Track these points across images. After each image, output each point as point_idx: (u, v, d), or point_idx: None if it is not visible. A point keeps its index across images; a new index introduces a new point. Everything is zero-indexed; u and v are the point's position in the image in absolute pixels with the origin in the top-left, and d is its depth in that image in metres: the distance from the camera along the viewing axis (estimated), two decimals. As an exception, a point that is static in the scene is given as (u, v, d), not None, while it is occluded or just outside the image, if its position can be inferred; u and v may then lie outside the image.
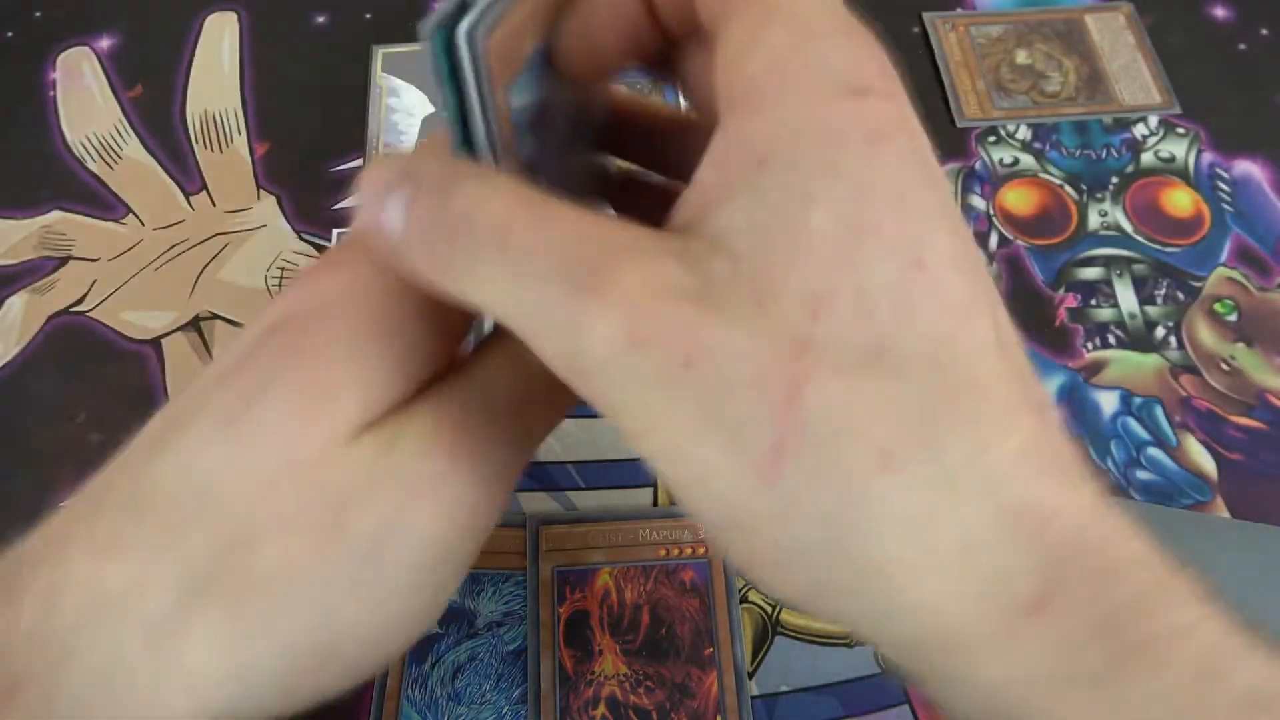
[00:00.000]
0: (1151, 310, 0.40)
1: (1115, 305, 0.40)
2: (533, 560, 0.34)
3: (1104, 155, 0.44)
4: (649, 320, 0.14)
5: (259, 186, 0.44)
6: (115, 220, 0.43)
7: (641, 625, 0.33)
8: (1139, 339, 0.39)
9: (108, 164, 0.45)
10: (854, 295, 0.14)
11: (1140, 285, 0.41)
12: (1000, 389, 0.15)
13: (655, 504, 0.36)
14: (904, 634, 0.15)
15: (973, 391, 0.15)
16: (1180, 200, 0.43)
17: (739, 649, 0.33)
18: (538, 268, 0.15)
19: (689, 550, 0.35)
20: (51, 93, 0.47)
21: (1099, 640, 0.14)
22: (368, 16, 0.50)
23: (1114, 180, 0.44)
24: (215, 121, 0.46)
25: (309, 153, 0.45)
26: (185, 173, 0.44)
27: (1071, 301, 0.40)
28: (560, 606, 0.34)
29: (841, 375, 0.14)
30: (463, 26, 0.15)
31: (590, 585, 0.34)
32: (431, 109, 0.46)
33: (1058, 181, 0.44)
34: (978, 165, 0.44)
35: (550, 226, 0.15)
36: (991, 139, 0.45)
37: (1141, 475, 0.36)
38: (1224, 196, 0.43)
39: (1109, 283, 0.41)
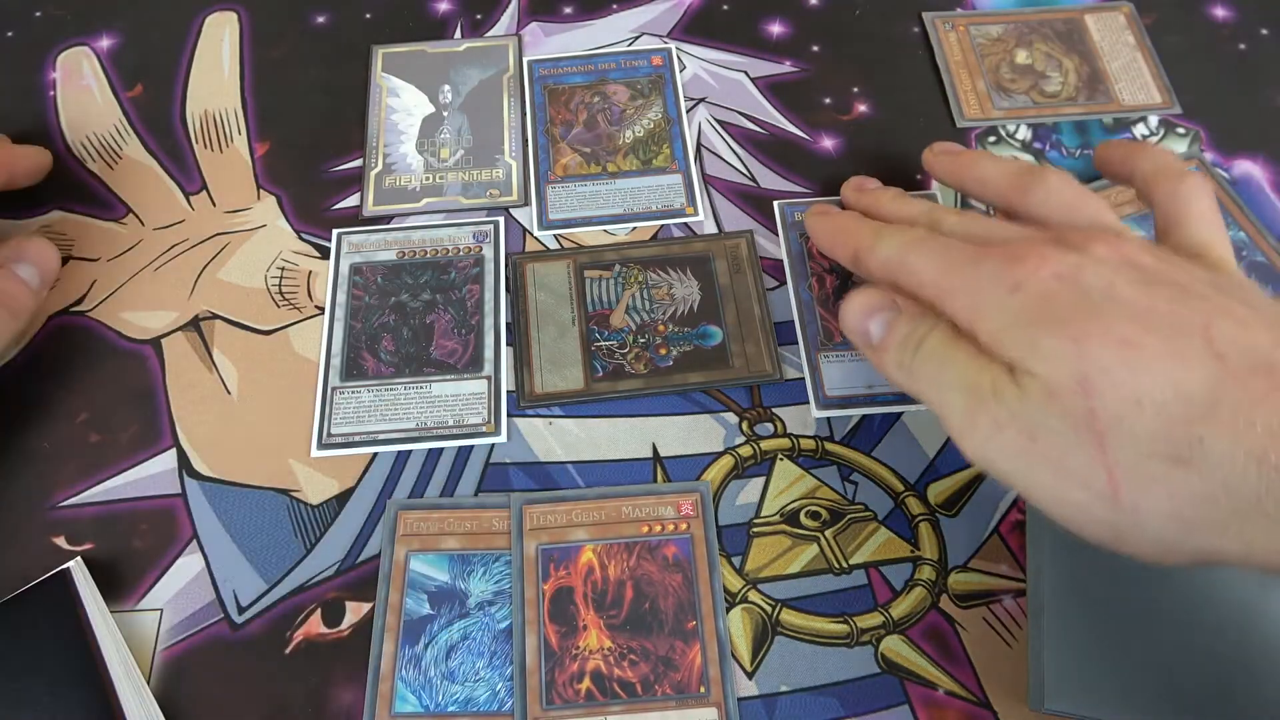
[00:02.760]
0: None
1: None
2: (517, 538, 0.35)
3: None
4: (1000, 416, 0.25)
5: (259, 186, 0.44)
6: (115, 220, 0.43)
7: (625, 600, 0.34)
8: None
9: (108, 164, 0.45)
10: (1101, 372, 0.23)
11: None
12: (1228, 390, 0.22)
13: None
14: (1242, 561, 0.23)
15: (1212, 404, 0.22)
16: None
17: (721, 622, 0.33)
18: (953, 383, 0.27)
19: (671, 526, 0.35)
20: (51, 93, 0.47)
21: None
22: (368, 16, 0.50)
23: (1114, 180, 0.44)
24: (215, 121, 0.46)
25: (309, 153, 0.45)
26: (185, 173, 0.44)
27: (1071, 301, 0.40)
28: (545, 583, 0.34)
29: (1123, 421, 0.23)
30: None
31: (574, 562, 0.34)
32: (431, 109, 0.46)
33: (1058, 181, 0.44)
34: (978, 165, 0.44)
35: (957, 360, 0.27)
36: (992, 139, 0.45)
37: (1141, 475, 0.36)
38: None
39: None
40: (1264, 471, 0.21)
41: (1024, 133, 0.45)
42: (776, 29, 0.49)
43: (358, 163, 0.45)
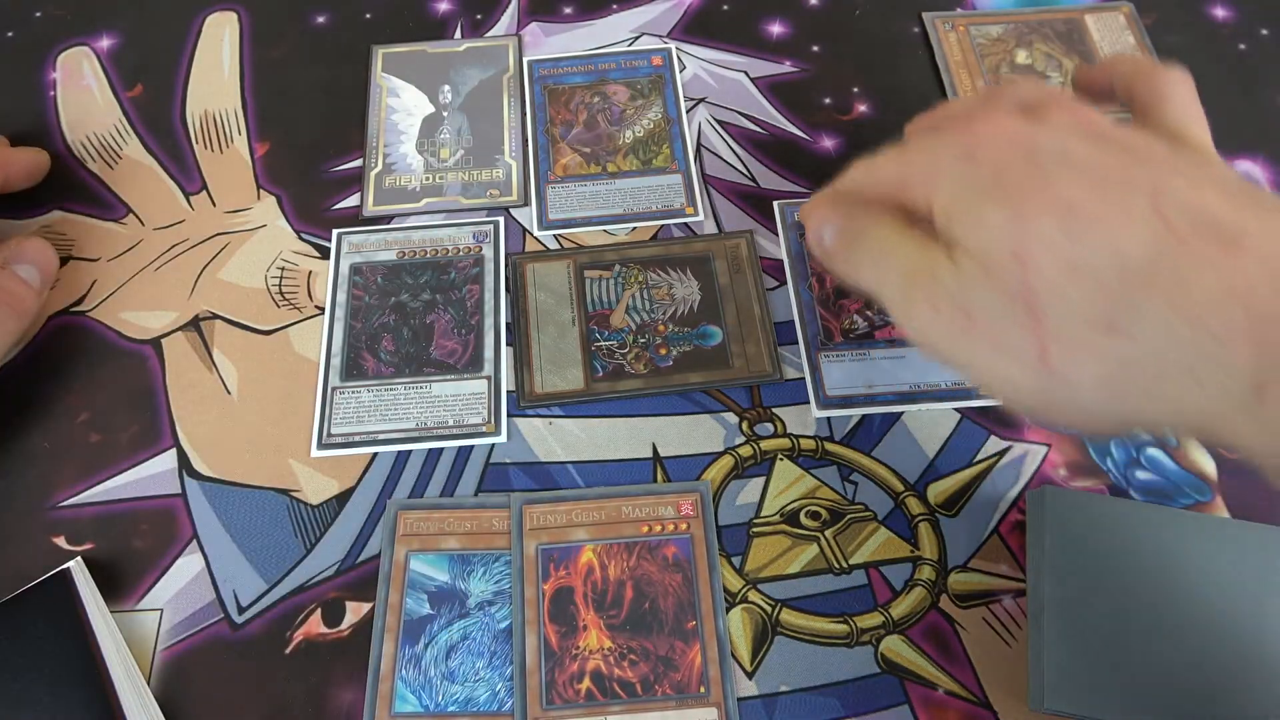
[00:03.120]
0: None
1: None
2: (517, 539, 0.35)
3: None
4: (938, 298, 0.25)
5: (259, 186, 0.44)
6: (115, 220, 0.43)
7: (625, 600, 0.34)
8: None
9: (108, 164, 0.45)
10: (1039, 241, 0.23)
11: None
12: (1169, 252, 0.21)
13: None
14: (1170, 427, 0.24)
15: (1150, 266, 0.22)
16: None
17: (721, 622, 0.33)
18: (891, 270, 0.27)
19: (671, 526, 0.35)
20: (51, 93, 0.47)
21: None
22: (368, 16, 0.50)
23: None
24: (215, 121, 0.46)
25: (309, 153, 0.45)
26: (185, 173, 0.44)
27: (1071, 301, 0.40)
28: (544, 583, 0.34)
29: (1058, 291, 0.23)
30: None
31: (574, 562, 0.34)
32: (431, 109, 0.46)
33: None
34: (978, 165, 0.44)
35: (898, 248, 0.27)
36: (991, 139, 0.45)
37: (1141, 475, 0.36)
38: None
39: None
40: (1197, 335, 0.21)
41: (1024, 133, 0.45)
42: (776, 29, 0.49)
43: (358, 163, 0.45)
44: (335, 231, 0.42)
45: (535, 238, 0.42)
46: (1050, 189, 0.23)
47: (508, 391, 0.38)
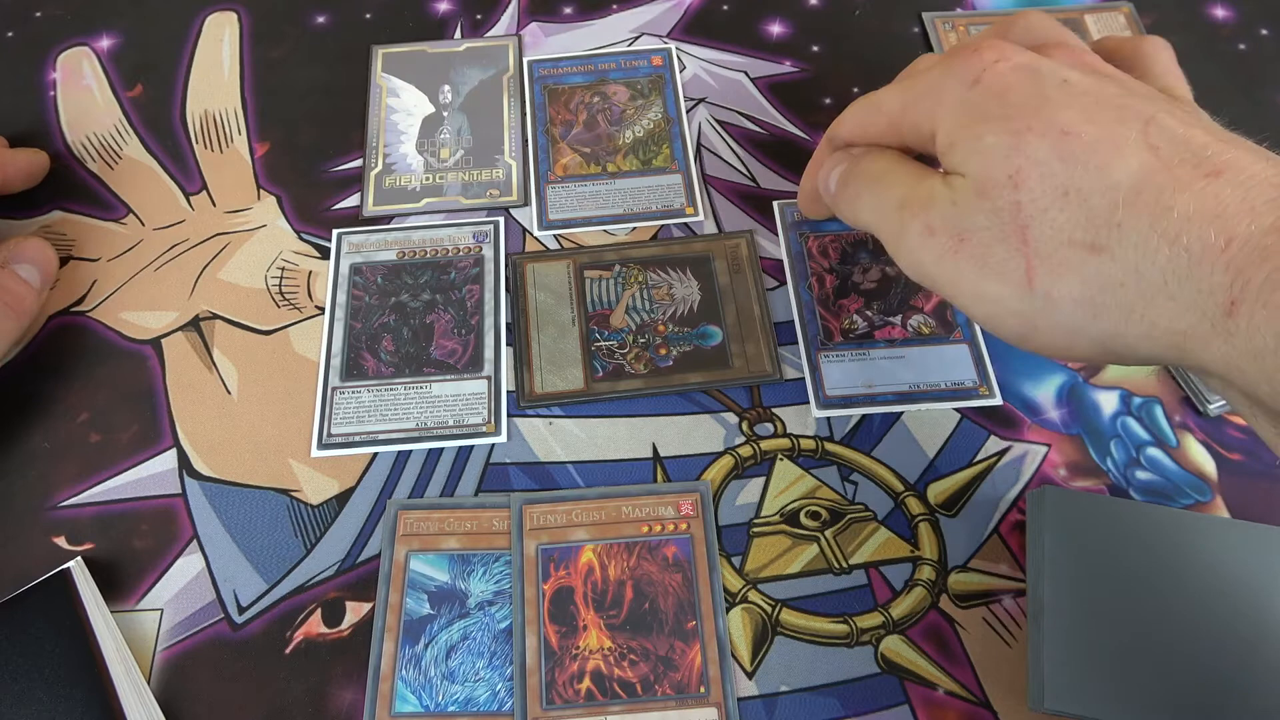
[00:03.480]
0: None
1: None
2: (517, 538, 0.35)
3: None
4: (932, 221, 0.27)
5: (259, 186, 0.44)
6: (115, 220, 0.43)
7: (625, 600, 0.34)
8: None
9: (108, 164, 0.45)
10: (1034, 165, 0.24)
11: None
12: (1154, 176, 0.23)
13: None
14: (1147, 349, 0.24)
15: (1136, 191, 0.23)
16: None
17: (721, 622, 0.33)
18: (887, 200, 0.29)
19: (671, 526, 0.35)
20: (51, 93, 0.47)
21: (1274, 323, 0.21)
22: (368, 16, 0.50)
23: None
24: (215, 121, 0.46)
25: (309, 153, 0.45)
26: (185, 173, 0.44)
27: (1071, 301, 0.40)
28: (544, 583, 0.34)
29: (1047, 212, 0.24)
30: None
31: (574, 562, 0.34)
32: (431, 109, 0.46)
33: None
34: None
35: (894, 178, 0.29)
36: (991, 139, 0.45)
37: (1141, 475, 0.36)
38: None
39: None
40: (1174, 253, 0.22)
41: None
42: (776, 29, 0.49)
43: (358, 163, 0.45)
44: (335, 231, 0.42)
45: (535, 238, 0.42)
46: (1048, 114, 0.24)
47: (508, 391, 0.38)
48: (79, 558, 0.34)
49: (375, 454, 0.37)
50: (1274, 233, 0.21)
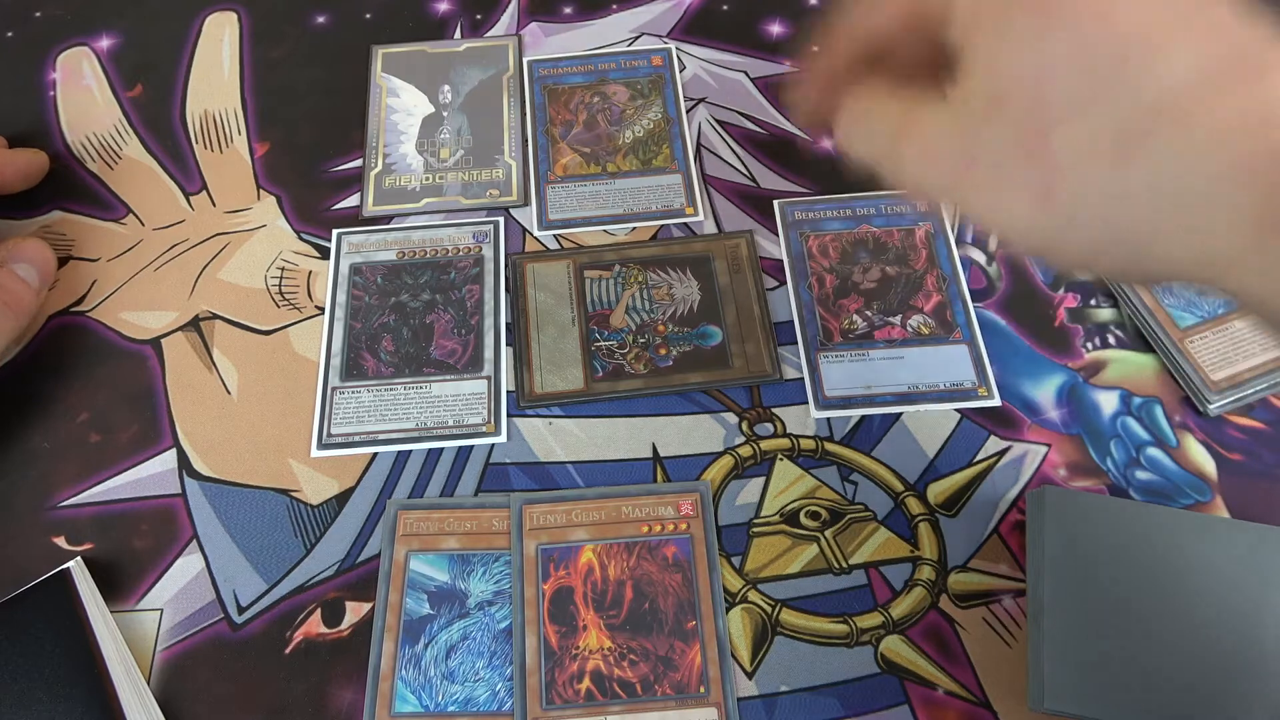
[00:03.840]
0: (1151, 310, 0.40)
1: (1114, 305, 0.40)
2: (517, 538, 0.35)
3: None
4: (932, 145, 0.24)
5: (259, 186, 0.44)
6: (115, 220, 0.43)
7: (625, 600, 0.34)
8: (1138, 339, 0.39)
9: (108, 164, 0.45)
10: (1060, 62, 0.21)
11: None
12: (1194, 74, 0.20)
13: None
14: (1178, 264, 0.22)
15: (1171, 93, 0.20)
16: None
17: (721, 622, 0.33)
18: (881, 129, 0.26)
19: (671, 526, 0.35)
20: (51, 93, 0.47)
21: None
22: (368, 16, 0.50)
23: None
24: (215, 121, 0.46)
25: (309, 153, 0.45)
26: (185, 173, 0.44)
27: (1071, 302, 0.40)
28: (544, 583, 0.34)
29: (1072, 119, 0.21)
30: None
31: (574, 562, 0.34)
32: (431, 109, 0.46)
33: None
34: (978, 165, 0.44)
35: (886, 106, 0.26)
36: (991, 139, 0.45)
37: (1141, 475, 0.36)
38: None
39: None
40: (1207, 164, 0.20)
41: (1024, 133, 0.45)
42: (776, 29, 0.49)
43: (358, 163, 0.45)
44: (335, 231, 0.42)
45: (535, 238, 0.42)
46: None
47: (508, 391, 0.38)
48: (79, 558, 0.34)
49: (375, 454, 0.37)
50: None
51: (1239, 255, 0.20)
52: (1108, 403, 0.38)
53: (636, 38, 0.49)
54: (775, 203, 0.43)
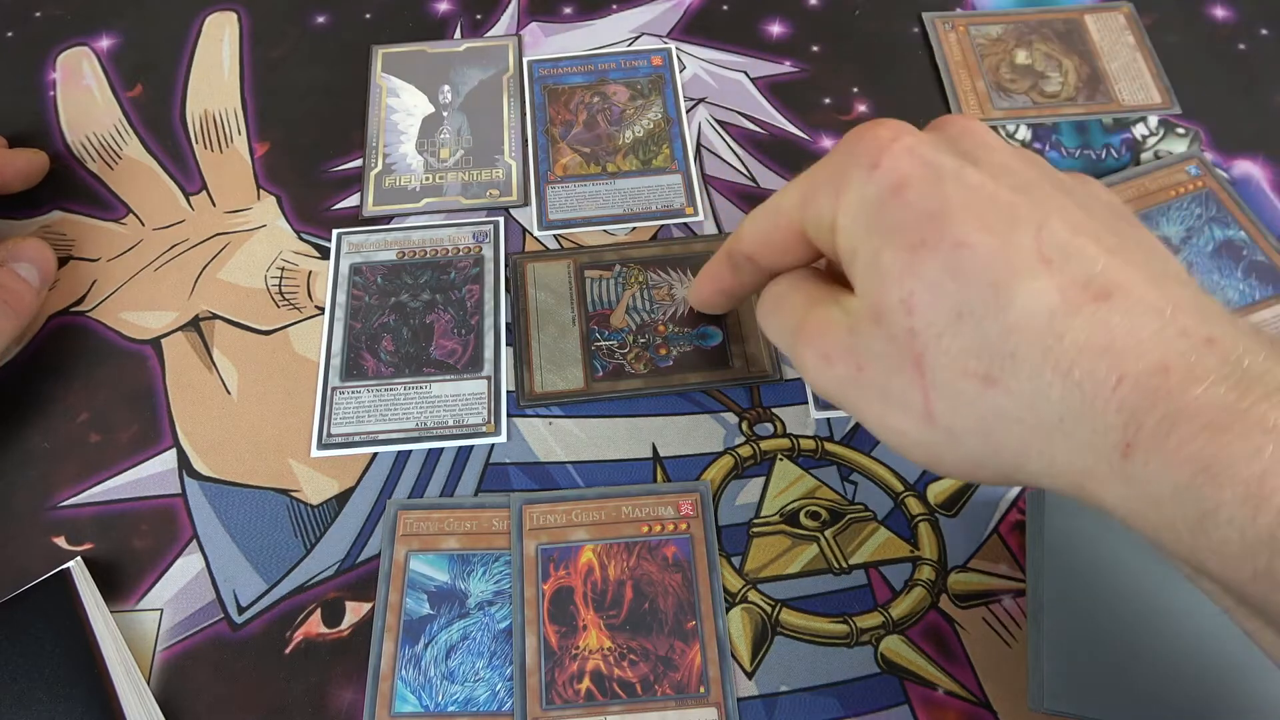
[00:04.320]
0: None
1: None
2: (517, 538, 0.35)
3: (1104, 155, 0.44)
4: (828, 349, 0.26)
5: (259, 186, 0.44)
6: (115, 220, 0.43)
7: (625, 600, 0.34)
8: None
9: (108, 164, 0.45)
10: (927, 287, 0.23)
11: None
12: (1046, 297, 0.21)
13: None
14: (1050, 484, 0.23)
15: (1029, 315, 0.21)
16: (1180, 200, 0.43)
17: (721, 622, 0.33)
18: (787, 324, 0.28)
19: (671, 526, 0.35)
20: (51, 93, 0.47)
21: (1172, 468, 0.19)
22: (368, 16, 0.50)
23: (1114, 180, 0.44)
24: (215, 121, 0.46)
25: (309, 153, 0.45)
26: (185, 173, 0.44)
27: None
28: (544, 583, 0.34)
29: (941, 339, 0.23)
30: None
31: (574, 562, 0.34)
32: (431, 109, 0.46)
33: (1057, 181, 0.44)
34: (978, 165, 0.44)
35: (790, 300, 0.29)
36: (991, 139, 0.45)
37: (1141, 475, 0.36)
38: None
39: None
40: (1068, 388, 0.21)
41: (1024, 133, 0.45)
42: (776, 29, 0.49)
43: (358, 163, 0.45)
44: (335, 231, 0.42)
45: (535, 238, 0.42)
46: (943, 222, 0.23)
47: (507, 391, 0.38)
48: (79, 558, 0.34)
49: (375, 454, 0.37)
50: (1160, 372, 0.19)
51: (1103, 472, 0.21)
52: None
53: (636, 38, 0.49)
54: (775, 203, 0.43)
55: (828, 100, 0.46)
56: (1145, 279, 0.21)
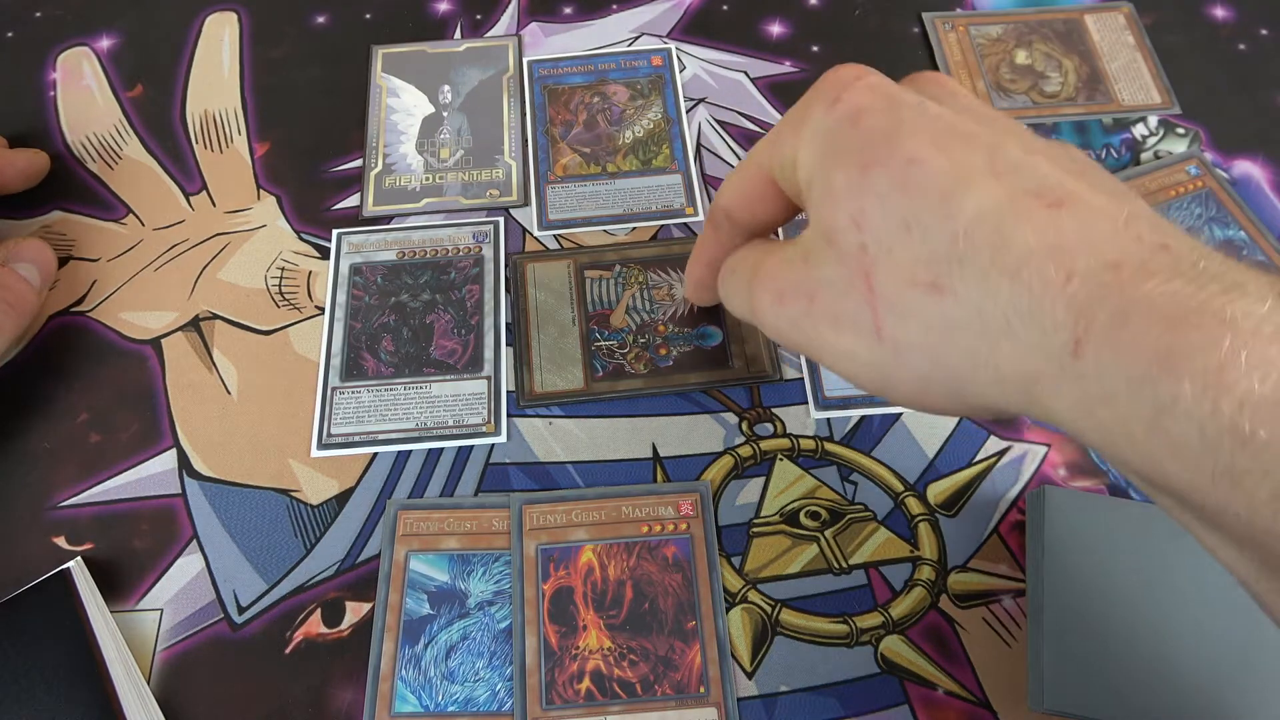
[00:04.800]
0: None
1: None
2: (517, 538, 0.35)
3: (1104, 155, 0.44)
4: (781, 286, 0.26)
5: (259, 186, 0.44)
6: (115, 220, 0.43)
7: (625, 600, 0.34)
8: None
9: (108, 164, 0.45)
10: (876, 200, 0.23)
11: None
12: (994, 203, 0.21)
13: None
14: (997, 397, 0.22)
15: (977, 222, 0.21)
16: (1180, 200, 0.43)
17: (721, 622, 0.33)
18: (740, 278, 0.29)
19: (671, 526, 0.35)
20: (51, 93, 0.47)
21: (1126, 361, 0.19)
22: (368, 16, 0.50)
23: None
24: (215, 121, 0.46)
25: (309, 153, 0.45)
26: (185, 173, 0.44)
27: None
28: (544, 583, 0.34)
29: (891, 252, 0.23)
30: None
31: (574, 562, 0.34)
32: (431, 109, 0.46)
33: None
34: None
35: (743, 258, 0.30)
36: (991, 139, 0.45)
37: (1141, 475, 0.36)
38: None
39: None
40: (1015, 289, 0.20)
41: (1024, 133, 0.45)
42: (776, 29, 0.49)
43: (358, 163, 0.45)
44: (335, 231, 0.42)
45: (535, 238, 0.42)
46: (896, 142, 0.23)
47: (507, 391, 0.38)
48: (79, 558, 0.34)
49: (375, 454, 0.37)
50: (1113, 269, 0.19)
51: (1052, 373, 0.20)
52: (1108, 403, 0.38)
53: (636, 38, 0.49)
54: (775, 203, 0.43)
55: (828, 100, 0.46)
56: (1100, 194, 0.21)
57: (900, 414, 0.38)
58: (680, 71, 0.47)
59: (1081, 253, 0.20)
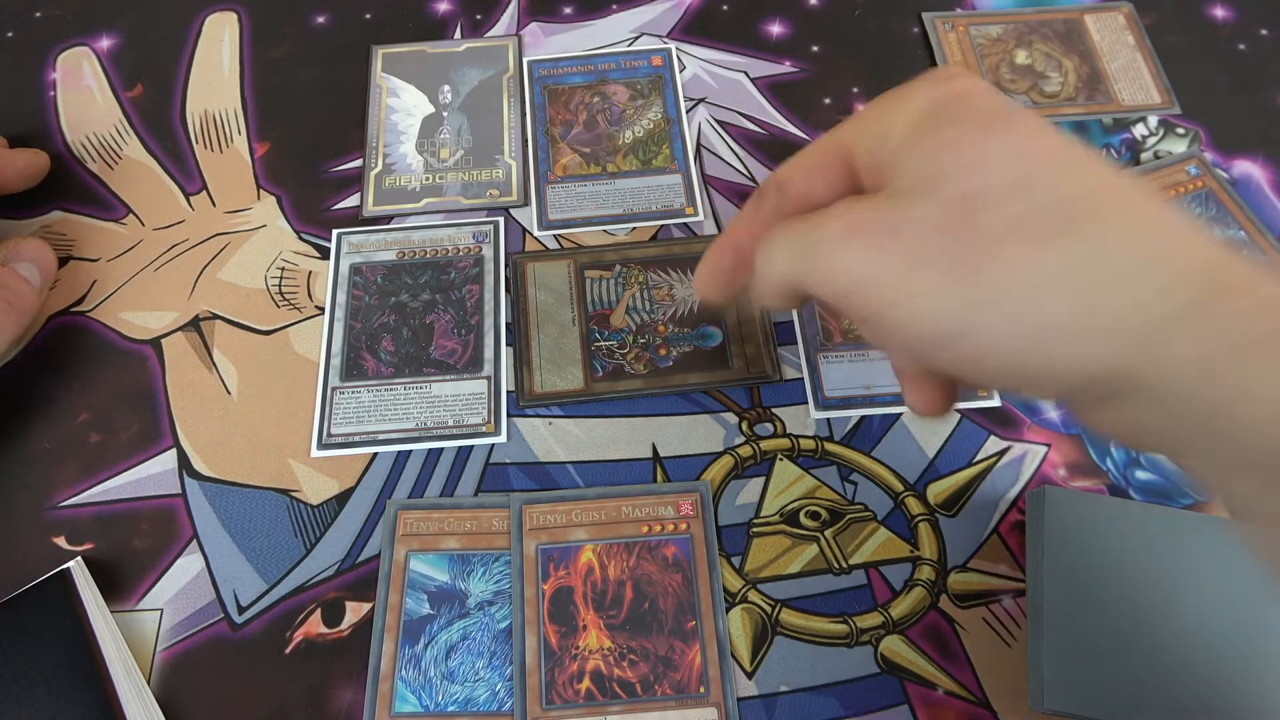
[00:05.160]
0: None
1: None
2: (517, 539, 0.35)
3: (1104, 156, 0.44)
4: (861, 219, 0.25)
5: (259, 186, 0.44)
6: (115, 220, 0.43)
7: (625, 600, 0.34)
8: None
9: (108, 164, 0.45)
10: (1001, 153, 0.23)
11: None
12: (1114, 186, 0.23)
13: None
14: (1087, 351, 0.22)
15: (1096, 190, 0.22)
16: (1180, 200, 0.43)
17: (721, 622, 0.33)
18: (800, 229, 0.26)
19: (671, 526, 0.35)
20: (51, 93, 0.47)
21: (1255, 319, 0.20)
22: (368, 16, 0.50)
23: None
24: (215, 121, 0.46)
25: (309, 153, 0.45)
26: (185, 173, 0.44)
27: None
28: (544, 583, 0.34)
29: (1003, 199, 0.23)
30: None
31: (574, 562, 0.34)
32: (431, 109, 0.46)
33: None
34: (977, 165, 0.44)
35: (806, 219, 0.26)
36: (991, 139, 0.45)
37: (1141, 475, 0.36)
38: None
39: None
40: (1137, 246, 0.22)
41: (1024, 133, 0.45)
42: (776, 29, 0.49)
43: (358, 163, 0.45)
44: (335, 231, 0.42)
45: (535, 238, 0.42)
46: (1015, 117, 0.24)
47: (507, 391, 0.38)
48: (79, 558, 0.34)
49: (375, 454, 0.37)
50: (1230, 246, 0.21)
51: (1171, 325, 0.21)
52: (1108, 403, 0.38)
53: (636, 38, 0.49)
54: (775, 203, 0.43)
55: (828, 100, 0.46)
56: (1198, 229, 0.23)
57: (900, 414, 0.38)
58: (680, 71, 0.47)
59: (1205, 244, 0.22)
